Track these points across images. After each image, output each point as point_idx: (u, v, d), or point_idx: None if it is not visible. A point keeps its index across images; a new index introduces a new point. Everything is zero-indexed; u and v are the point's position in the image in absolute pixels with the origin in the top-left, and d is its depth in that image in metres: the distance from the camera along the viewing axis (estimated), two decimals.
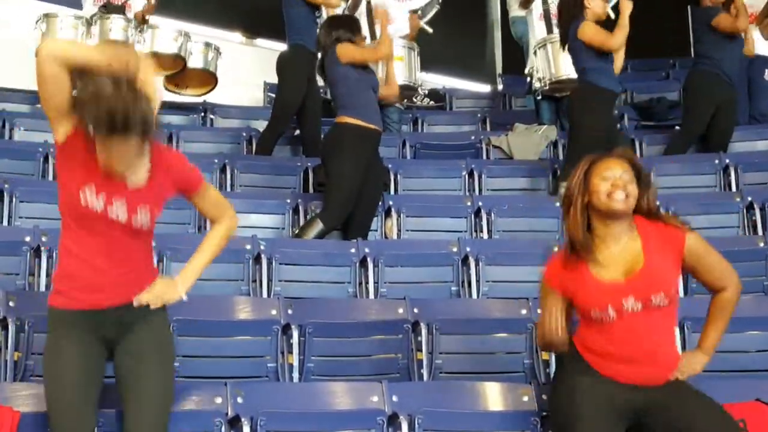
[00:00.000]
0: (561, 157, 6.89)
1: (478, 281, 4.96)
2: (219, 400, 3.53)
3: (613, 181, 3.20)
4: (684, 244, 3.24)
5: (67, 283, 3.07)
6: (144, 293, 3.10)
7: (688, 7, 7.44)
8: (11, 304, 4.01)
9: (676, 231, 3.25)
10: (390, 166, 6.32)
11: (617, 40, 5.88)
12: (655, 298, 3.15)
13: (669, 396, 3.19)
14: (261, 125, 7.28)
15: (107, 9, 7.21)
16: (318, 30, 6.08)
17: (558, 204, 5.74)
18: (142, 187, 3.04)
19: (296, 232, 5.42)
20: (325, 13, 6.82)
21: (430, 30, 7.94)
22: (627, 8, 5.93)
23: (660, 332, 3.21)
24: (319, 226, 5.25)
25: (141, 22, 7.27)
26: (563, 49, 6.44)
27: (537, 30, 7.75)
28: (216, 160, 6.30)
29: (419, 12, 8.18)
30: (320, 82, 6.46)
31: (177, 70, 7.39)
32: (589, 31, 5.89)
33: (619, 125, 7.41)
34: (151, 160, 3.05)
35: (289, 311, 4.31)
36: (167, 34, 7.28)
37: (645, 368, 3.18)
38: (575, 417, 3.17)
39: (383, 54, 5.77)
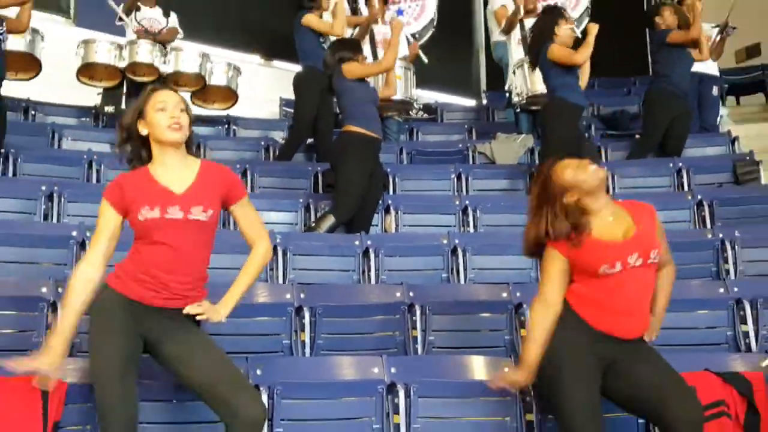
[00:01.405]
0: (537, 161, 6.88)
1: (465, 269, 4.96)
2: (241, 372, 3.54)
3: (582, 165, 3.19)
4: (655, 215, 3.29)
5: (128, 274, 3.02)
6: (193, 306, 3.04)
7: (647, 30, 7.42)
8: (60, 290, 4.00)
9: (647, 205, 3.30)
10: (389, 170, 6.32)
11: (582, 55, 5.87)
12: (652, 254, 3.16)
13: (637, 350, 3.19)
14: (277, 135, 7.29)
15: (144, 36, 7.20)
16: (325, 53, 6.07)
17: None
18: (191, 189, 3.06)
19: (311, 225, 5.40)
20: (330, 38, 6.84)
21: (426, 59, 7.94)
22: (594, 30, 5.92)
23: (648, 287, 3.22)
24: (331, 220, 5.24)
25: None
26: (533, 69, 6.47)
27: (515, 53, 7.76)
28: (238, 166, 6.29)
29: (417, 35, 8.21)
30: None
31: (199, 87, 7.37)
32: (556, 51, 5.88)
33: (587, 134, 7.41)
34: (200, 168, 3.12)
35: (302, 295, 4.31)
36: (189, 56, 7.27)
37: (630, 320, 3.17)
38: (560, 369, 3.12)
39: (387, 66, 5.68)
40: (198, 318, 3.06)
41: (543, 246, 3.23)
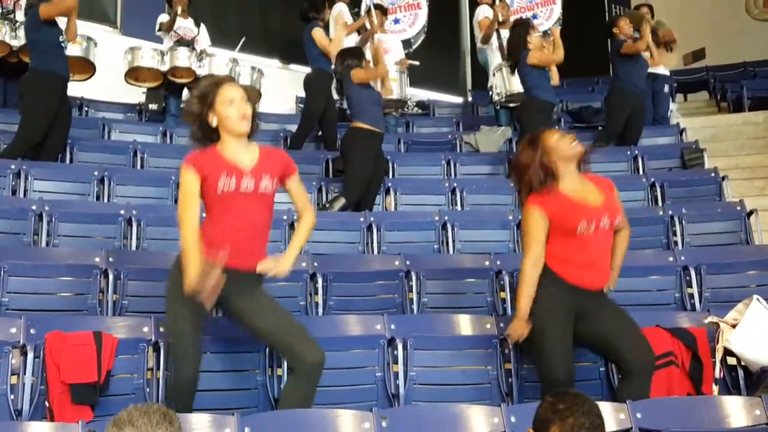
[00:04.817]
0: (514, 149, 6.86)
1: (453, 241, 4.95)
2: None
3: (567, 137, 3.23)
4: (614, 187, 3.32)
5: (204, 241, 2.92)
6: (264, 262, 2.99)
7: (608, 40, 7.37)
8: (110, 259, 4.01)
9: (607, 180, 3.34)
10: (389, 157, 6.28)
11: (558, 55, 5.92)
12: (617, 220, 3.21)
13: (600, 302, 3.22)
14: (293, 128, 7.24)
15: (180, 44, 7.15)
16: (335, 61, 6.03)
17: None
18: (257, 165, 3.01)
19: (325, 204, 5.38)
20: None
21: (416, 63, 7.91)
22: (557, 33, 5.97)
23: (608, 247, 3.25)
24: (342, 201, 5.25)
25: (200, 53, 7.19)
26: (512, 73, 6.47)
27: (493, 58, 7.72)
28: None
29: (411, 40, 8.19)
30: (334, 95, 6.44)
31: None
32: (537, 56, 5.90)
33: (557, 126, 7.38)
34: (259, 151, 3.07)
35: (315, 264, 4.31)
36: (221, 60, 7.22)
37: (595, 273, 3.18)
38: (542, 319, 3.15)
39: (381, 72, 5.76)
40: (270, 273, 3.00)
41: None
